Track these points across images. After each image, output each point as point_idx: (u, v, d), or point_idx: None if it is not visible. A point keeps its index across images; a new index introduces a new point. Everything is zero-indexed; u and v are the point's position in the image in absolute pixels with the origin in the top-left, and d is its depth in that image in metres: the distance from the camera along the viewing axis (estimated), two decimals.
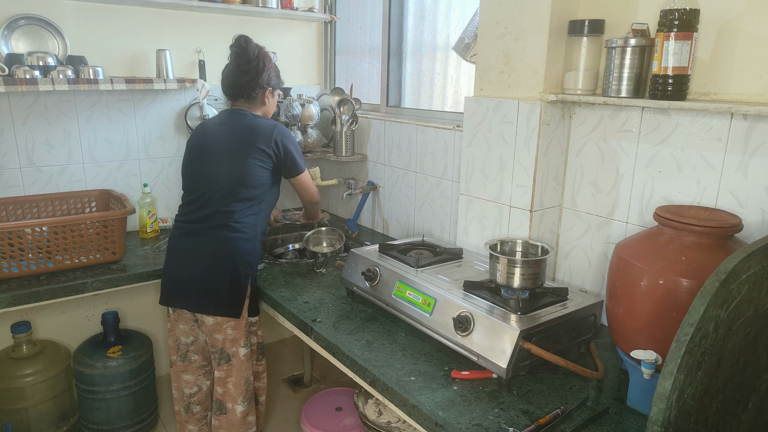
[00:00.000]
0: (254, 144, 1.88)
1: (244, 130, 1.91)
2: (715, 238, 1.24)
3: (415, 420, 1.32)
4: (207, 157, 1.93)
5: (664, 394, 0.78)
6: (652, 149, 1.58)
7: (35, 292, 1.91)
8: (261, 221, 1.97)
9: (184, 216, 1.95)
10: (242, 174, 1.87)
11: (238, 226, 1.88)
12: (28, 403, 2.22)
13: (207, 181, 1.90)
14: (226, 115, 1.99)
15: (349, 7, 3.01)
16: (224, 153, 1.89)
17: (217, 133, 1.94)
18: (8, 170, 2.32)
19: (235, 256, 1.88)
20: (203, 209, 1.89)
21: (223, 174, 1.88)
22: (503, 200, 1.85)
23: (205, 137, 1.96)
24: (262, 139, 1.89)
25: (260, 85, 1.96)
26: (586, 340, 1.54)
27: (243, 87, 1.95)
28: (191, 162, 1.97)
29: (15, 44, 2.24)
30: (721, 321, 0.87)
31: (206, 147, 1.94)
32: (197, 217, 1.90)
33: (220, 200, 1.87)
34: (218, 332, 1.91)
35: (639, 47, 1.49)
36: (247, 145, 1.88)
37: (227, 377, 1.95)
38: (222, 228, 1.87)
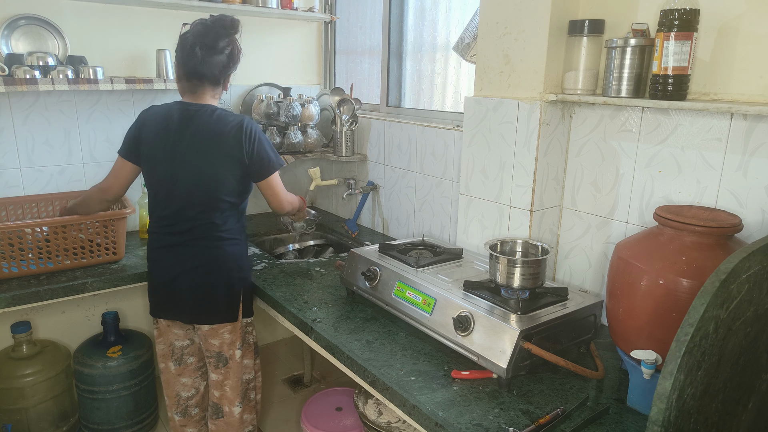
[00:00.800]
0: (225, 151, 1.74)
1: (210, 135, 1.74)
2: (715, 238, 1.24)
3: (415, 420, 1.32)
4: (177, 165, 1.76)
5: (664, 394, 0.79)
6: (652, 149, 1.58)
7: (35, 292, 1.90)
8: (241, 221, 1.90)
9: (164, 228, 1.83)
10: (218, 187, 1.76)
11: (224, 234, 1.82)
12: (28, 403, 2.22)
13: (183, 195, 1.77)
14: (185, 111, 1.77)
15: (349, 7, 3.01)
16: (197, 164, 1.74)
17: (181, 138, 1.75)
18: (8, 170, 2.32)
19: (226, 263, 1.84)
20: (185, 223, 1.79)
21: (198, 189, 1.76)
22: (503, 200, 1.85)
23: (168, 139, 1.77)
24: (230, 142, 1.73)
25: (233, 65, 1.79)
26: (586, 340, 1.54)
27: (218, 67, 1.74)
28: (156, 167, 1.80)
29: (15, 44, 2.24)
30: (721, 321, 0.87)
31: (174, 152, 1.76)
32: (180, 230, 1.80)
33: (200, 215, 1.78)
34: (214, 337, 1.89)
35: (639, 47, 1.49)
36: (219, 152, 1.74)
37: (224, 380, 1.94)
38: (207, 239, 1.80)
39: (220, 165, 1.75)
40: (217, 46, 1.72)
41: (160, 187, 1.81)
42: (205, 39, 1.71)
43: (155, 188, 1.82)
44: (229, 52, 1.76)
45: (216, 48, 1.72)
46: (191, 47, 1.71)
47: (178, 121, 1.77)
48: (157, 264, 1.88)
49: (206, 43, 1.71)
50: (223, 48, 1.74)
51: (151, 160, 1.81)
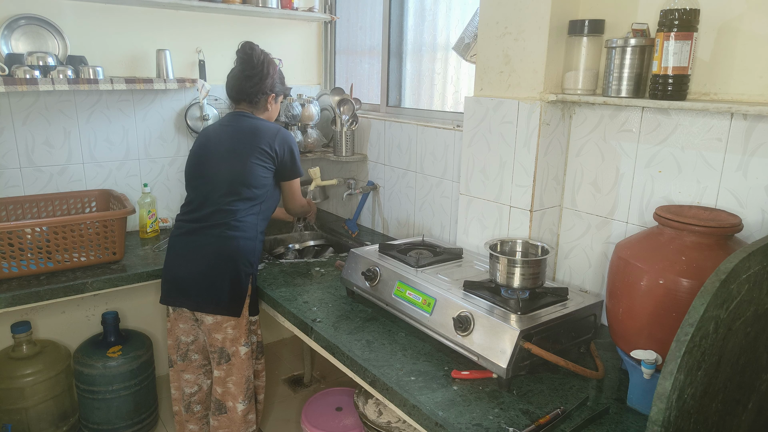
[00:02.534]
0: (257, 144, 1.90)
1: (247, 131, 1.94)
2: (715, 238, 1.24)
3: (415, 420, 1.32)
4: (209, 157, 1.94)
5: (664, 394, 0.78)
6: (652, 149, 1.58)
7: (35, 292, 1.91)
8: (262, 221, 1.97)
9: (185, 215, 1.96)
10: (244, 173, 1.88)
11: (240, 225, 1.89)
12: (28, 403, 2.22)
13: (209, 180, 1.92)
14: (229, 117, 2.01)
15: (349, 7, 3.01)
16: (227, 152, 1.91)
17: (220, 134, 1.96)
18: (8, 170, 2.32)
19: (236, 255, 1.88)
20: (204, 208, 1.90)
21: (225, 173, 1.89)
22: (503, 200, 1.85)
23: (209, 139, 1.98)
24: (265, 140, 1.91)
25: (263, 91, 2.00)
26: (586, 340, 1.54)
27: (246, 92, 1.98)
28: (194, 163, 1.99)
29: (15, 44, 2.24)
30: (721, 321, 0.87)
31: (209, 148, 1.96)
32: (198, 216, 1.91)
33: (222, 199, 1.88)
34: (218, 332, 1.90)
35: (639, 47, 1.49)
36: (250, 145, 1.90)
37: (227, 376, 1.95)
38: (223, 227, 1.88)
39: (249, 155, 1.89)
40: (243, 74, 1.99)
41: (193, 175, 1.98)
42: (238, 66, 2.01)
43: (189, 177, 2.00)
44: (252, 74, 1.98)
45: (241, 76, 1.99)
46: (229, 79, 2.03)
47: (222, 122, 2.02)
48: (171, 251, 1.96)
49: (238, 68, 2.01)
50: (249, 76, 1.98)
51: (192, 157, 2.00)
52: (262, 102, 2.03)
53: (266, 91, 2.01)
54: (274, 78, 2.04)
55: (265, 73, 1.98)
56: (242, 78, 1.97)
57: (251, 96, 1.99)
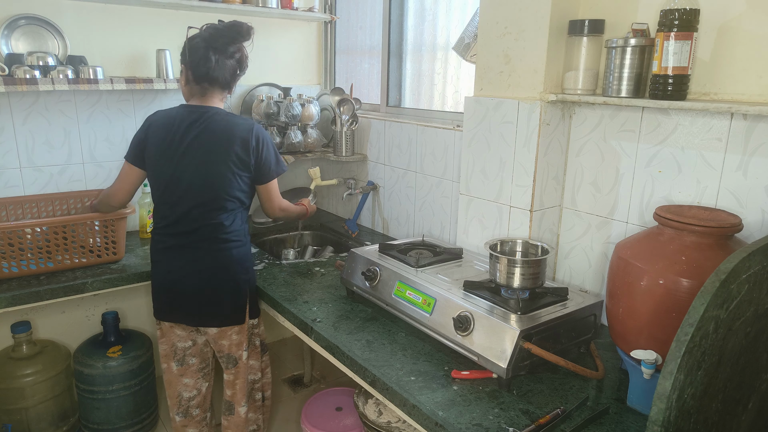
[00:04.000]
0: (233, 151, 1.76)
1: (221, 136, 1.76)
2: (715, 238, 1.24)
3: (415, 420, 1.32)
4: (182, 167, 1.77)
5: (664, 394, 0.78)
6: (652, 149, 1.58)
7: (35, 292, 1.90)
8: (246, 222, 1.92)
9: (166, 229, 1.84)
10: (225, 186, 1.77)
11: (229, 235, 1.83)
12: (28, 403, 2.22)
13: (188, 195, 1.78)
14: (196, 113, 1.79)
15: (349, 6, 3.01)
16: (202, 164, 1.76)
17: (190, 138, 1.76)
18: (8, 170, 2.32)
19: (232, 265, 1.84)
20: (189, 223, 1.80)
21: (204, 188, 1.77)
22: (503, 200, 1.85)
23: (174, 140, 1.78)
24: (239, 142, 1.76)
25: (241, 72, 1.85)
26: (586, 340, 1.54)
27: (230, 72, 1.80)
28: (163, 170, 1.80)
29: (15, 44, 2.24)
30: (721, 321, 0.87)
31: (179, 154, 1.77)
32: (184, 231, 1.81)
33: (206, 214, 1.78)
34: (223, 338, 1.90)
35: (639, 47, 1.49)
36: (226, 153, 1.76)
37: (235, 380, 1.96)
38: (213, 240, 1.81)
39: (226, 165, 1.76)
40: (228, 50, 1.78)
41: (164, 189, 1.81)
42: (216, 43, 1.76)
43: (160, 189, 1.82)
44: (239, 58, 1.82)
45: (227, 52, 1.78)
46: (204, 51, 1.75)
47: (184, 123, 1.78)
48: (160, 266, 1.87)
49: (218, 47, 1.76)
50: (233, 53, 1.79)
51: (156, 162, 1.81)
52: (234, 85, 1.87)
53: (241, 73, 1.85)
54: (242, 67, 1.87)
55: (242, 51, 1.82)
56: (224, 54, 1.76)
57: (232, 79, 1.82)
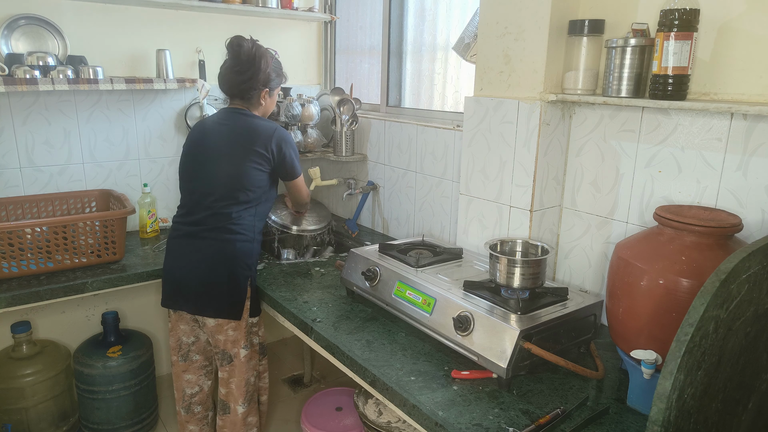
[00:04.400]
0: (252, 147, 1.87)
1: (242, 132, 1.89)
2: (715, 238, 1.24)
3: (415, 420, 1.32)
4: (204, 158, 1.91)
5: (664, 393, 0.78)
6: (652, 149, 1.58)
7: (35, 292, 1.90)
8: (259, 222, 1.96)
9: (182, 218, 1.94)
10: (240, 176, 1.86)
11: (237, 227, 1.87)
12: (28, 403, 2.22)
13: (204, 182, 1.89)
14: (225, 114, 1.97)
15: (349, 6, 3.01)
16: (222, 155, 1.88)
17: (215, 134, 1.92)
18: (8, 170, 2.32)
19: (233, 258, 1.87)
20: (201, 211, 1.88)
21: (220, 176, 1.87)
22: (503, 200, 1.85)
23: (204, 137, 1.94)
24: (260, 141, 1.88)
25: (255, 86, 1.93)
26: (586, 340, 1.54)
27: (239, 87, 1.92)
28: (188, 162, 1.95)
29: (15, 44, 2.24)
30: (721, 321, 0.87)
31: (204, 147, 1.92)
32: (195, 219, 1.89)
33: (218, 202, 1.86)
34: (219, 333, 1.91)
35: (639, 47, 1.49)
36: (246, 147, 1.87)
37: (230, 378, 1.96)
38: (220, 230, 1.86)
39: (245, 157, 1.86)
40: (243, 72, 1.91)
41: (187, 178, 1.94)
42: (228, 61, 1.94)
43: (183, 178, 1.96)
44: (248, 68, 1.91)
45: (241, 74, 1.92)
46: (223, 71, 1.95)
47: (217, 120, 1.96)
48: (170, 254, 1.95)
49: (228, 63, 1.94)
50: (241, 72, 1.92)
51: (186, 154, 1.96)
52: (255, 97, 1.96)
53: (258, 86, 1.93)
54: (267, 72, 1.95)
55: (255, 68, 1.91)
56: (233, 73, 1.91)
57: (244, 92, 1.93)
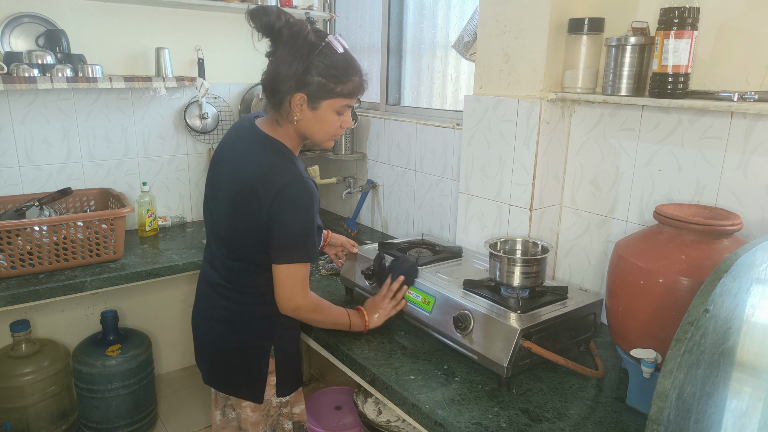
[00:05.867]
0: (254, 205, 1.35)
1: (249, 172, 1.36)
2: (714, 236, 1.23)
3: (414, 419, 1.32)
4: (213, 194, 1.49)
5: (663, 392, 0.78)
6: (651, 148, 1.58)
7: (34, 290, 1.90)
8: None
9: (205, 253, 1.60)
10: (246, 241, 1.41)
11: (250, 289, 1.46)
12: (28, 402, 2.22)
13: (213, 228, 1.50)
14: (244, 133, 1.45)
15: (349, 5, 3.00)
16: (226, 201, 1.42)
17: (226, 167, 1.44)
18: (7, 168, 2.32)
19: (245, 324, 1.47)
20: (214, 260, 1.51)
21: (225, 229, 1.44)
22: (503, 199, 1.85)
23: (218, 164, 1.48)
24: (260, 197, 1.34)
25: (281, 89, 1.32)
26: (586, 338, 1.54)
27: (266, 86, 1.37)
28: (206, 193, 1.55)
29: (14, 42, 2.24)
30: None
31: (216, 181, 1.48)
32: (210, 264, 1.54)
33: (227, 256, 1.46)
34: (238, 407, 1.55)
35: (639, 45, 1.49)
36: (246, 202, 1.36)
37: None
38: (232, 289, 1.47)
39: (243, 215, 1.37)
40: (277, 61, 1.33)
41: (205, 207, 1.55)
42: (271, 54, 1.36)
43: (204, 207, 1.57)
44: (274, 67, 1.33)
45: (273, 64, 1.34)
46: None
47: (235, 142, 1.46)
48: (196, 299, 1.61)
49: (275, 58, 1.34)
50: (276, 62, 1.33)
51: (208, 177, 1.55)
52: (285, 107, 1.35)
53: (287, 88, 1.31)
54: (309, 63, 1.29)
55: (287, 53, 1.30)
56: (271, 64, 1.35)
57: (269, 95, 1.37)
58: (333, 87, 1.34)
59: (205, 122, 2.70)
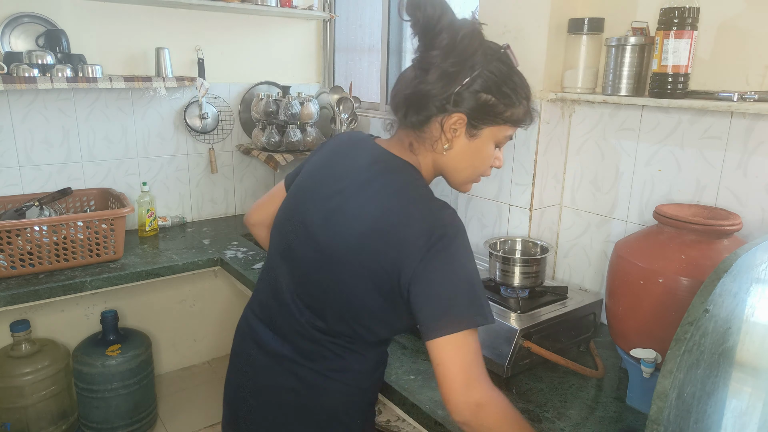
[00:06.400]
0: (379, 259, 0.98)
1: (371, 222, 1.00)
2: (714, 236, 1.23)
3: (414, 418, 1.32)
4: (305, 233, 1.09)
5: (663, 392, 0.78)
6: (651, 148, 1.58)
7: (34, 290, 1.90)
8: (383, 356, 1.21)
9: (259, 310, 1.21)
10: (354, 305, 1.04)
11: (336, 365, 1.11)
12: (27, 402, 2.22)
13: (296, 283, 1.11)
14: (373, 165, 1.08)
15: (349, 5, 3.00)
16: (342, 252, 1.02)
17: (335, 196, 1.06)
18: (7, 169, 2.32)
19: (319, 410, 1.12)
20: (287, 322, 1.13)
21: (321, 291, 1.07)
22: (503, 199, 1.85)
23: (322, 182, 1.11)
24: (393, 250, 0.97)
25: (429, 105, 1.01)
26: (586, 338, 1.54)
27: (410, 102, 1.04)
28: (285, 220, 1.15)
29: (14, 42, 2.24)
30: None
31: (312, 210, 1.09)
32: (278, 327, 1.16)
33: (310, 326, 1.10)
34: None
35: (639, 45, 1.49)
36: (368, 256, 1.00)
37: None
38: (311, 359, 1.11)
39: (357, 275, 1.01)
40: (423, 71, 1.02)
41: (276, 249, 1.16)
42: None
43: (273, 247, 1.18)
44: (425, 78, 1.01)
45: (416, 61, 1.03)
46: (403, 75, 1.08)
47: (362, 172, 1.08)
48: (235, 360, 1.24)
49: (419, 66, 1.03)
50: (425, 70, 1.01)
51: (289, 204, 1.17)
52: (432, 130, 1.04)
53: (441, 104, 1.00)
54: (477, 76, 1.00)
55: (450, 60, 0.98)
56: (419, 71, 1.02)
57: (411, 112, 1.04)
58: (503, 110, 1.04)
59: (205, 122, 2.70)
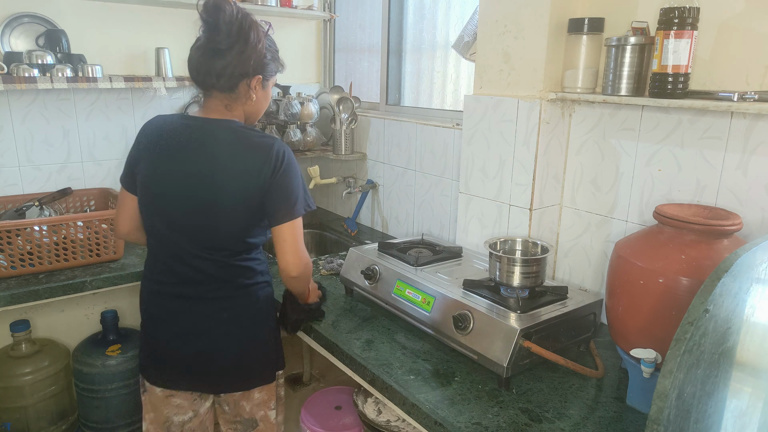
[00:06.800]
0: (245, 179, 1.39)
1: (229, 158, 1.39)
2: (714, 236, 1.23)
3: (414, 419, 1.32)
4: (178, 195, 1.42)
5: (663, 392, 0.78)
6: (651, 148, 1.58)
7: (34, 290, 1.90)
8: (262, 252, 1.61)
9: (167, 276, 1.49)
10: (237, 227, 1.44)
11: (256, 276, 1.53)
12: (27, 402, 2.22)
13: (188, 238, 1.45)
14: (195, 124, 1.42)
15: (349, 5, 3.00)
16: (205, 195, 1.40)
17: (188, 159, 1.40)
18: (7, 169, 2.32)
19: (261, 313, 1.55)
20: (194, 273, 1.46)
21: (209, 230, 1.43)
22: (503, 198, 1.85)
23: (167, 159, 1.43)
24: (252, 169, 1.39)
25: (243, 71, 1.38)
26: (586, 338, 1.54)
27: (218, 73, 1.36)
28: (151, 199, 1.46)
29: (14, 42, 2.24)
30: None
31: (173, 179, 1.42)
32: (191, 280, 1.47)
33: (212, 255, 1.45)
34: (244, 400, 1.56)
35: (639, 45, 1.49)
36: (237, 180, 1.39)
37: None
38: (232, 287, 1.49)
39: (234, 198, 1.39)
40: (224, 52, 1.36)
41: (156, 226, 1.46)
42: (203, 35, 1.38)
43: (150, 226, 1.48)
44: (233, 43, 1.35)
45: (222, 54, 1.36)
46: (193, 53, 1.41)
47: (180, 139, 1.42)
48: (159, 323, 1.51)
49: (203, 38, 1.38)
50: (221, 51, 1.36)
51: (146, 189, 1.45)
52: (242, 89, 1.41)
53: (247, 71, 1.38)
54: (260, 50, 1.38)
55: (242, 43, 1.35)
56: (209, 53, 1.35)
57: (225, 80, 1.37)
58: (276, 66, 1.50)
59: None
